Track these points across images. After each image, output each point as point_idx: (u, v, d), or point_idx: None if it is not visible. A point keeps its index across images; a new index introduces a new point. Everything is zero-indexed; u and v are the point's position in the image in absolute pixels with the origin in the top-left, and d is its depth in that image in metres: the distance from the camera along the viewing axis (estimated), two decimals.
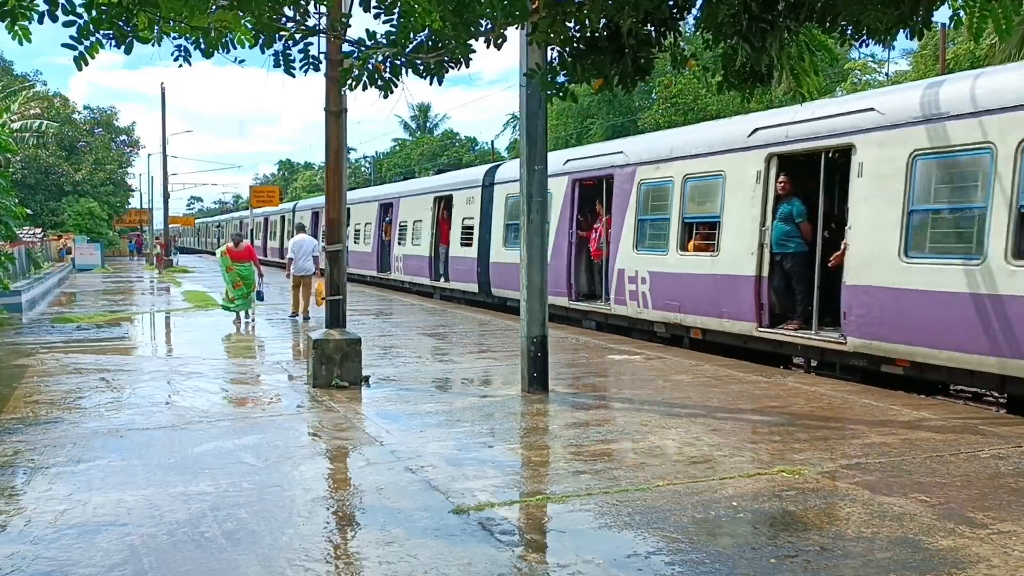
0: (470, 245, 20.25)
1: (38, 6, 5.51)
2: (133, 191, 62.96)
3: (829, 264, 10.47)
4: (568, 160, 16.31)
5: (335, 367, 9.52)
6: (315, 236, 22.78)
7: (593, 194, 15.50)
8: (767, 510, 5.27)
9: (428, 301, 21.74)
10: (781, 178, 11.18)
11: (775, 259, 11.22)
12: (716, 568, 4.39)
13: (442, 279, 22.08)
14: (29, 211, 23.31)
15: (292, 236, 19.02)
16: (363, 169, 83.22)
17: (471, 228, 20.28)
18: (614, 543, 4.78)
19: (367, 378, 9.73)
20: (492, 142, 66.45)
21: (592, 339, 13.67)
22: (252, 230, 45.37)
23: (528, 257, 9.14)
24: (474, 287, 20.09)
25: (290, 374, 10.57)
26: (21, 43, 5.88)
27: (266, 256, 39.90)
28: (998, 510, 5.24)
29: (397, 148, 79.57)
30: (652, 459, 6.48)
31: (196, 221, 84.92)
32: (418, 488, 5.78)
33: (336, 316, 9.92)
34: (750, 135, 11.64)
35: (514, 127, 59.52)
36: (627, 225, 13.99)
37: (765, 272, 11.28)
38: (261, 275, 17.53)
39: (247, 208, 46.40)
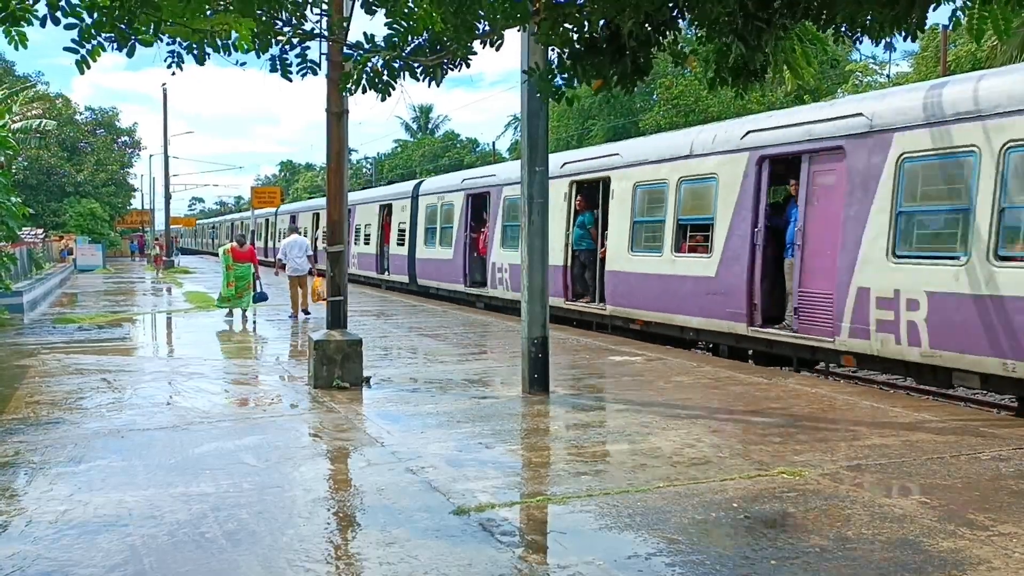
0: (403, 244, 25.00)
1: (37, 11, 5.51)
2: (135, 192, 63.09)
3: (600, 256, 15.49)
4: (464, 179, 21.90)
5: (336, 368, 9.52)
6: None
7: (481, 205, 20.47)
8: (767, 511, 5.28)
9: (376, 290, 26.14)
10: (578, 198, 16.11)
11: (575, 254, 16.06)
12: (716, 569, 4.39)
13: (386, 273, 26.91)
14: (31, 211, 23.34)
15: (285, 236, 21.40)
16: (364, 170, 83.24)
17: (403, 231, 25.01)
18: (615, 544, 4.78)
19: (368, 379, 9.74)
20: (493, 143, 66.51)
21: (592, 340, 13.68)
22: (253, 231, 45.86)
23: (529, 259, 9.11)
24: (406, 278, 24.78)
25: (291, 375, 10.57)
26: (17, 48, 5.87)
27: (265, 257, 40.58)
28: (999, 512, 5.24)
29: (399, 149, 79.57)
30: (653, 460, 6.48)
31: (196, 222, 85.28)
32: (419, 489, 5.78)
33: (337, 317, 9.91)
34: (562, 167, 16.36)
35: (515, 128, 59.55)
36: (497, 229, 19.20)
37: (569, 263, 16.16)
38: (258, 277, 18.15)
39: (244, 210, 47.21)
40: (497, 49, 6.28)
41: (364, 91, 6.13)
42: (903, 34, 5.85)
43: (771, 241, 11.89)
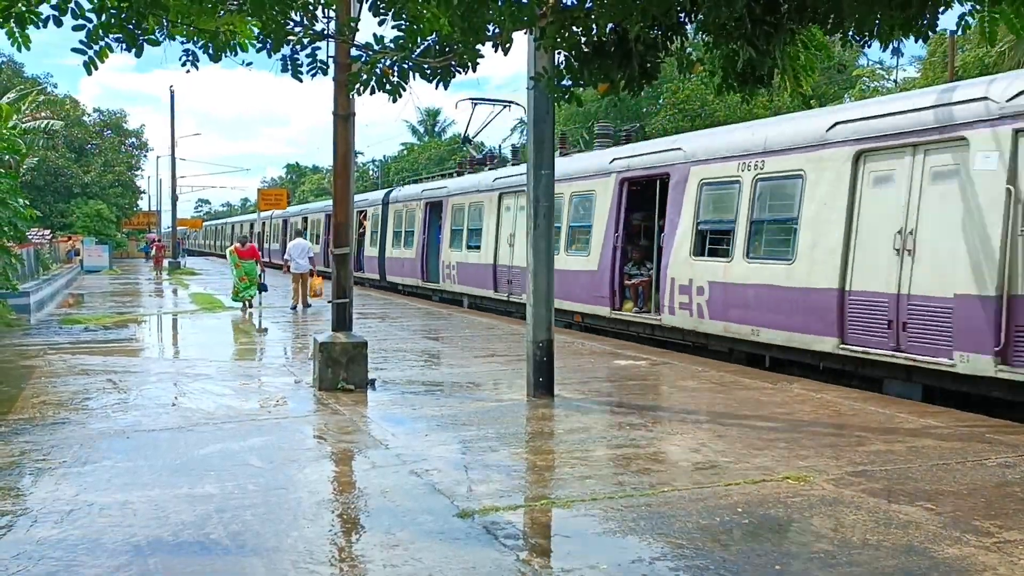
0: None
1: (42, 12, 5.53)
2: (142, 193, 63.26)
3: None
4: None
5: (341, 370, 9.52)
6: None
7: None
8: (772, 517, 5.26)
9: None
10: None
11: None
12: (720, 574, 4.38)
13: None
14: (38, 213, 23.43)
15: (291, 239, 22.94)
16: (371, 173, 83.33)
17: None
18: (619, 548, 4.78)
19: (373, 381, 9.74)
20: (499, 146, 66.48)
21: (598, 344, 13.66)
22: (259, 232, 46.45)
23: (535, 262, 9.11)
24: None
25: (296, 377, 10.58)
26: (20, 50, 5.89)
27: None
28: (1005, 519, 5.22)
29: (405, 152, 79.60)
30: (657, 464, 6.47)
31: (204, 223, 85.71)
32: (423, 491, 5.78)
33: (342, 319, 9.90)
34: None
35: (521, 131, 59.53)
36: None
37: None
38: (263, 270, 20.72)
39: (251, 211, 47.79)
40: (506, 53, 6.28)
41: (373, 92, 6.14)
42: (916, 38, 5.83)
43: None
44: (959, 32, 6.13)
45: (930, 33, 5.85)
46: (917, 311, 9.42)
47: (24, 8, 5.44)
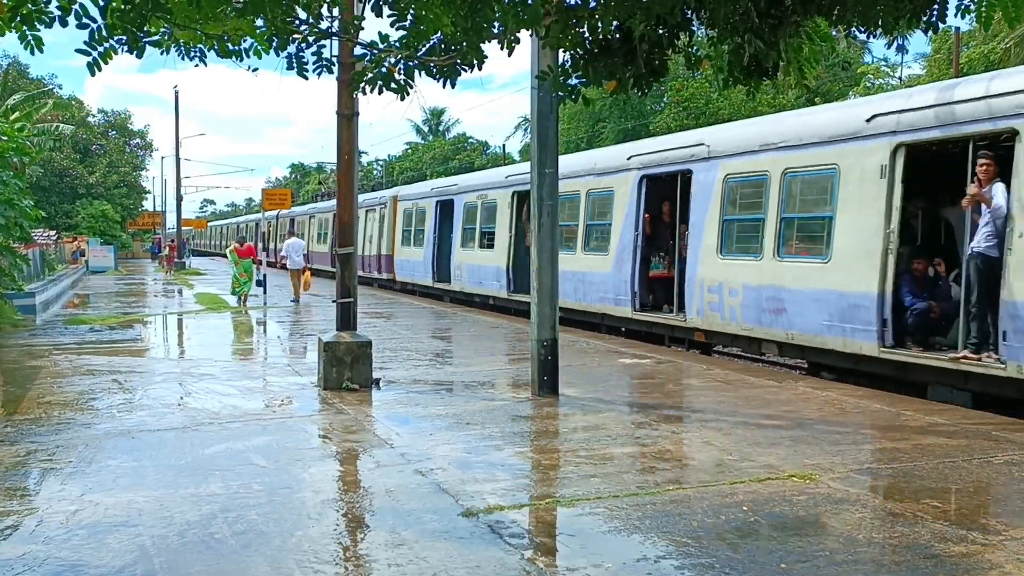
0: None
1: (51, 12, 5.53)
2: (147, 193, 63.37)
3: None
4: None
5: (346, 369, 9.53)
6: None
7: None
8: (778, 515, 5.25)
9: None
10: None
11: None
12: (726, 572, 4.38)
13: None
14: (44, 213, 23.49)
15: (286, 239, 25.33)
16: (375, 172, 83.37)
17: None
18: (624, 547, 4.77)
19: (377, 380, 9.74)
20: (503, 145, 66.49)
21: (603, 343, 13.65)
22: (264, 232, 46.62)
23: (539, 261, 9.10)
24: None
25: (300, 376, 10.59)
26: (33, 52, 5.89)
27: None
28: (1011, 516, 5.21)
29: (409, 151, 79.61)
30: (662, 463, 6.47)
31: (208, 224, 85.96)
32: (428, 491, 5.78)
33: (347, 319, 9.91)
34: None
35: (525, 130, 59.51)
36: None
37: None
38: (260, 266, 22.55)
39: (256, 211, 48.11)
40: (510, 53, 6.27)
41: (380, 91, 6.13)
42: (925, 30, 5.77)
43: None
44: (959, 16, 6.07)
45: (940, 24, 5.79)
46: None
47: (32, 8, 5.44)
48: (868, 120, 10.25)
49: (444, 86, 6.34)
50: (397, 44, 6.06)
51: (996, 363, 8.70)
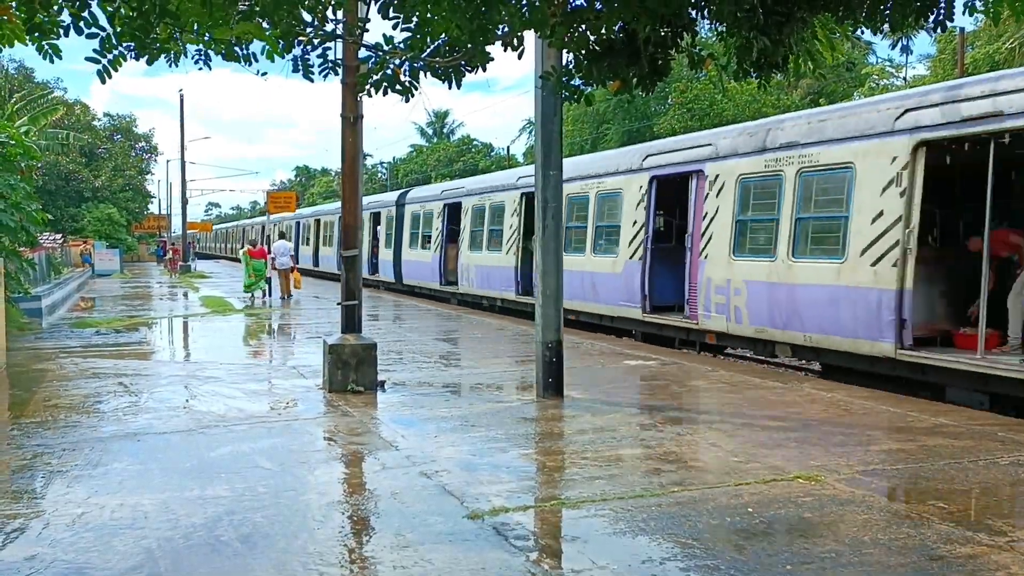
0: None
1: (63, 21, 5.56)
2: (152, 197, 63.50)
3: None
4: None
5: (351, 372, 9.54)
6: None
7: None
8: (783, 516, 5.24)
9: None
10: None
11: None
12: (731, 574, 4.37)
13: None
14: (50, 217, 23.60)
15: (274, 241, 25.91)
16: (379, 175, 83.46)
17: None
18: (629, 549, 4.77)
19: (383, 383, 9.75)
20: (508, 147, 66.54)
21: (608, 345, 13.64)
22: (269, 235, 46.71)
23: (543, 263, 9.10)
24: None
25: (305, 379, 10.60)
26: (53, 61, 5.90)
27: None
28: (1018, 518, 5.20)
29: (414, 154, 79.68)
30: (667, 465, 6.46)
31: (213, 227, 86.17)
32: (433, 493, 5.78)
33: (351, 321, 9.91)
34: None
35: (530, 132, 59.53)
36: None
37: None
38: (268, 263, 24.16)
39: (262, 213, 48.24)
40: (516, 50, 6.26)
41: (385, 93, 6.14)
42: (934, 28, 5.74)
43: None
44: (965, 12, 6.03)
45: (947, 23, 5.76)
46: None
47: (44, 19, 5.47)
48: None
49: (449, 87, 6.34)
50: (402, 46, 6.07)
51: None
